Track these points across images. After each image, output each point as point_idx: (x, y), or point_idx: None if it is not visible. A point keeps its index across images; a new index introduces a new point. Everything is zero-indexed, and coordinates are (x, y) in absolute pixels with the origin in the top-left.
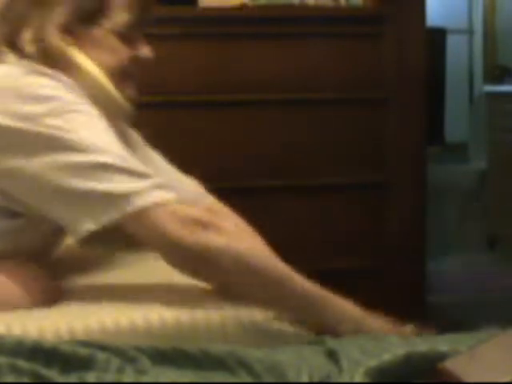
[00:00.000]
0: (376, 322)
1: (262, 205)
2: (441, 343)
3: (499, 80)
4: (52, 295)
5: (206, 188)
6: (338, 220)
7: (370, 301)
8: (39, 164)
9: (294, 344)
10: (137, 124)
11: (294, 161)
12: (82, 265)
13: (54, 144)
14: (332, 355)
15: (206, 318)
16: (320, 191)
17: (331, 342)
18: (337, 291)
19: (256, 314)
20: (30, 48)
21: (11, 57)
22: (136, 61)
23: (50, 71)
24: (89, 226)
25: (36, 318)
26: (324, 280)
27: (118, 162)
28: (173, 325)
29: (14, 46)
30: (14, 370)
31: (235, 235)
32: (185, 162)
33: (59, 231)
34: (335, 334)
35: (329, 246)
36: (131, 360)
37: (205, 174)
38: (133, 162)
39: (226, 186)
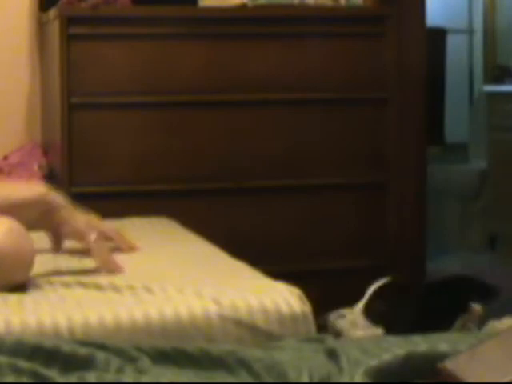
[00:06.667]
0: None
1: (262, 205)
2: (441, 343)
3: (499, 80)
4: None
5: (206, 188)
6: (338, 220)
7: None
8: None
9: (293, 343)
10: (137, 124)
11: (294, 161)
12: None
13: None
14: (332, 355)
15: (189, 314)
16: (320, 191)
17: (331, 342)
18: (337, 291)
19: (240, 310)
20: None
21: None
22: None
23: None
24: None
25: (34, 312)
26: (324, 280)
27: None
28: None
29: None
30: (14, 369)
31: None
32: (185, 162)
33: None
34: None
35: (329, 246)
36: (131, 360)
37: (205, 174)
38: None
39: (226, 186)
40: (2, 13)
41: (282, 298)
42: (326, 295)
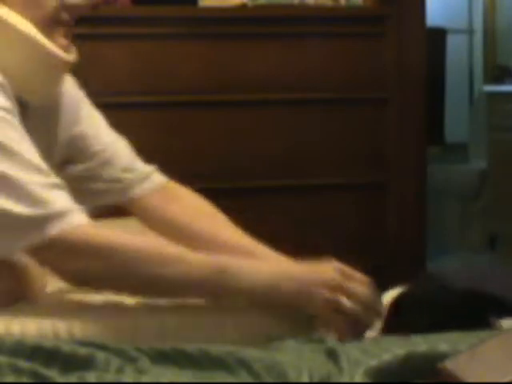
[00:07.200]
0: (291, 284)
1: (262, 205)
2: (441, 343)
3: (499, 80)
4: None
5: (206, 188)
6: (339, 220)
7: None
8: None
9: (293, 343)
10: (137, 124)
11: (294, 161)
12: None
13: None
14: (332, 355)
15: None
16: (320, 191)
17: (331, 342)
18: None
19: (240, 310)
20: None
21: None
22: (62, 7)
23: None
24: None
25: (34, 318)
26: None
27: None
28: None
29: None
30: (14, 369)
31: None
32: (185, 162)
33: None
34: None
35: (329, 245)
36: (131, 360)
37: (205, 174)
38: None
39: (226, 186)
40: None
41: None
42: None
